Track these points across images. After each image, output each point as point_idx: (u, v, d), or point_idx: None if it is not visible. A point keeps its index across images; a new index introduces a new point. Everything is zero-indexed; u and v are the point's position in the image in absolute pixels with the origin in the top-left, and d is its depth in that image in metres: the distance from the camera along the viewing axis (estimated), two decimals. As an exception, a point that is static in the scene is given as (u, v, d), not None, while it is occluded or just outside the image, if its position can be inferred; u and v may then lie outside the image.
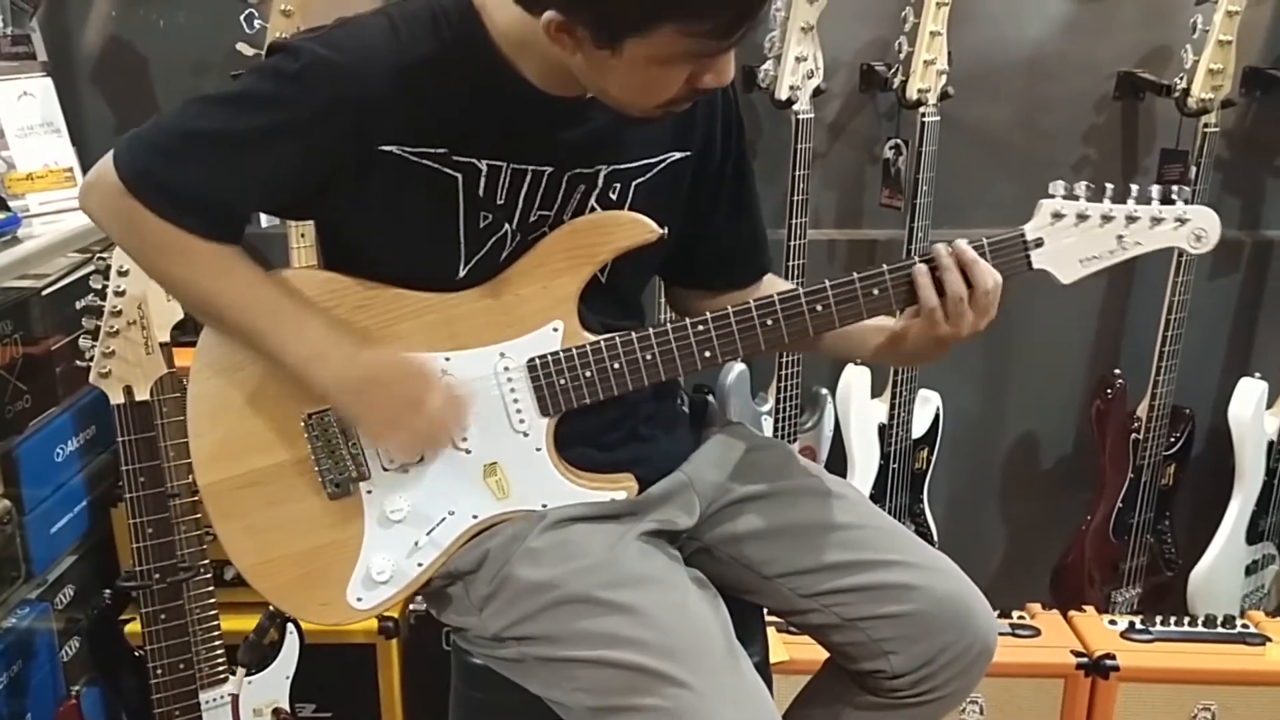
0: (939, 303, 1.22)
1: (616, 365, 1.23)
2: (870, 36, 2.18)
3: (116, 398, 1.53)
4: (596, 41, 1.06)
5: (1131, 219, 1.27)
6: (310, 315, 1.20)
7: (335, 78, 1.12)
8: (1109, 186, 1.28)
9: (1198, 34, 2.04)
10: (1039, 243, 1.26)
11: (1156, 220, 1.27)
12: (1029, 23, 2.21)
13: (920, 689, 1.28)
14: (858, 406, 2.20)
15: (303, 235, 1.97)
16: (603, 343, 1.24)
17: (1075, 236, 1.26)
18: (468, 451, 1.25)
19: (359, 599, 1.25)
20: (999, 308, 1.25)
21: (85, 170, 1.93)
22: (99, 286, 1.52)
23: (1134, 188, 1.29)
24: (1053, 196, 1.26)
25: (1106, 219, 1.26)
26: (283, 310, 1.19)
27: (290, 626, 1.74)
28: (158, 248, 1.19)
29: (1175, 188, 1.30)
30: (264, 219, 2.03)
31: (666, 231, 1.26)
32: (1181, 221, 1.28)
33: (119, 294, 1.50)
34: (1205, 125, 2.09)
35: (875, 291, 1.23)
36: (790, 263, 2.06)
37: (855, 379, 2.20)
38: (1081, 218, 1.26)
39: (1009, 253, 1.25)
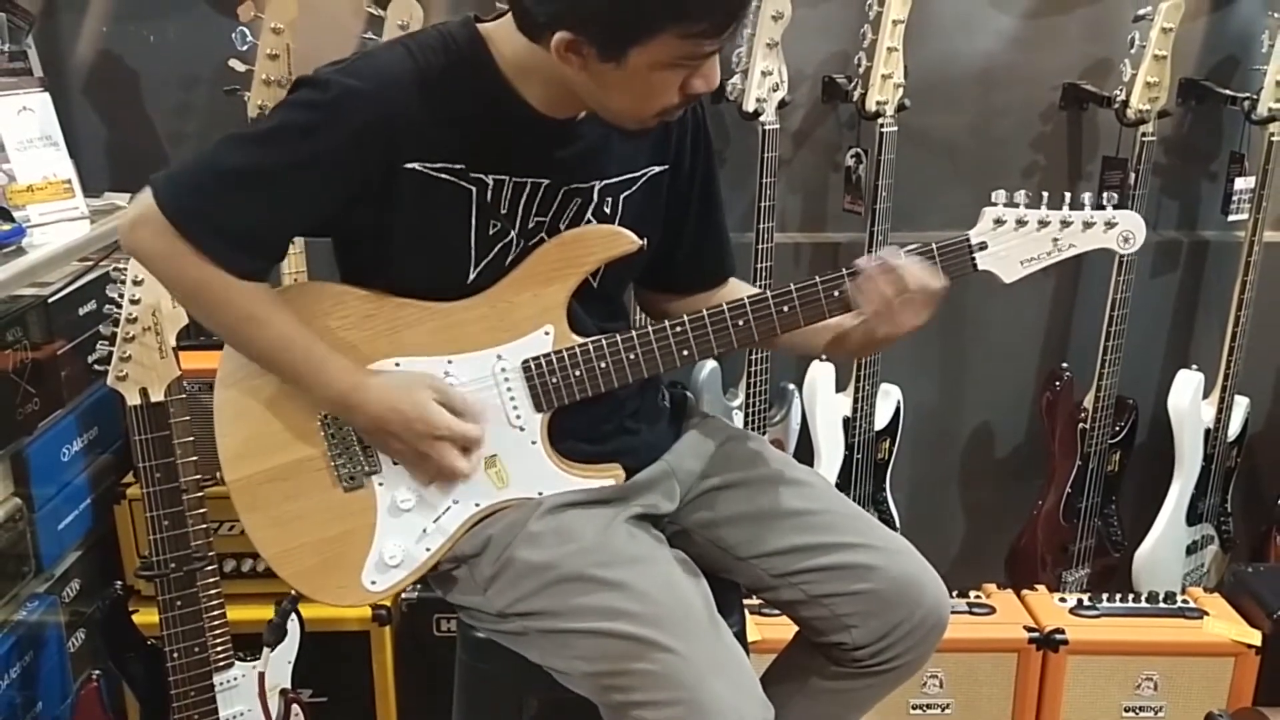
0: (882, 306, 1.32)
1: (603, 364, 1.34)
2: (831, 51, 2.27)
3: (133, 399, 1.59)
4: (602, 56, 1.16)
5: (1065, 223, 1.39)
6: (335, 365, 1.28)
7: (364, 105, 1.20)
8: (1045, 194, 1.39)
9: (1135, 49, 2.14)
10: (983, 246, 1.37)
11: (1088, 224, 1.39)
12: (979, 38, 2.30)
13: (879, 659, 1.39)
14: (823, 401, 2.28)
15: (292, 242, 2.05)
16: (590, 344, 1.34)
17: (1015, 240, 1.38)
18: None
19: (373, 582, 1.34)
20: (952, 307, 1.35)
21: (83, 182, 2.02)
22: (114, 295, 1.58)
23: (1067, 195, 1.40)
24: (994, 204, 1.38)
25: (1043, 223, 1.38)
26: (310, 360, 1.28)
27: (292, 614, 1.82)
28: (201, 289, 1.26)
29: (1105, 194, 1.41)
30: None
31: (646, 243, 1.36)
32: (1110, 225, 1.40)
33: (135, 302, 1.57)
34: (1144, 134, 2.20)
35: (836, 293, 1.34)
36: (758, 265, 2.14)
37: (820, 375, 2.28)
38: (1020, 223, 1.38)
39: (956, 255, 1.37)
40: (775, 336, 1.36)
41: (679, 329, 1.34)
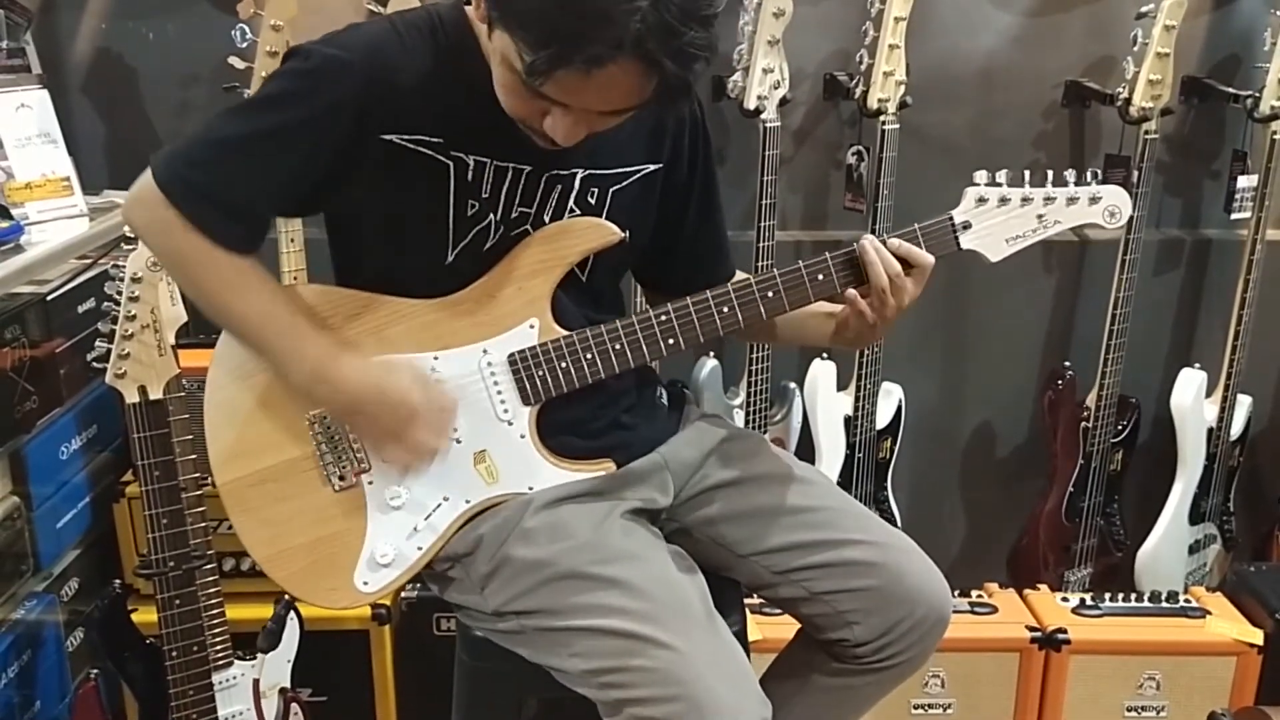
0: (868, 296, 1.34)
1: (589, 355, 1.34)
2: (833, 48, 2.27)
3: (132, 397, 1.59)
4: (486, 15, 1.16)
5: (1049, 199, 1.38)
6: (313, 340, 1.28)
7: (343, 74, 1.22)
8: (1027, 173, 1.39)
9: (1138, 46, 2.15)
10: (966, 225, 1.37)
11: (1072, 200, 1.39)
12: (982, 36, 2.30)
13: (881, 656, 1.39)
14: (824, 399, 2.28)
15: (291, 240, 2.05)
16: (575, 336, 1.34)
17: (1000, 218, 1.38)
18: (459, 441, 1.34)
19: (365, 582, 1.34)
20: (954, 305, 1.33)
21: (81, 179, 2.02)
22: (113, 292, 1.58)
23: (1050, 173, 1.39)
24: (977, 184, 1.38)
25: (1026, 200, 1.38)
26: (288, 335, 1.28)
27: (291, 613, 1.81)
28: (187, 259, 1.27)
29: (1090, 171, 1.41)
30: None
31: (628, 235, 1.36)
32: (1095, 200, 1.39)
33: (134, 299, 1.57)
34: (1146, 132, 2.19)
35: (820, 276, 1.35)
36: (759, 263, 2.14)
37: (822, 373, 2.28)
38: (1003, 201, 1.38)
39: (939, 235, 1.37)
40: (762, 322, 1.36)
41: (664, 318, 1.34)
